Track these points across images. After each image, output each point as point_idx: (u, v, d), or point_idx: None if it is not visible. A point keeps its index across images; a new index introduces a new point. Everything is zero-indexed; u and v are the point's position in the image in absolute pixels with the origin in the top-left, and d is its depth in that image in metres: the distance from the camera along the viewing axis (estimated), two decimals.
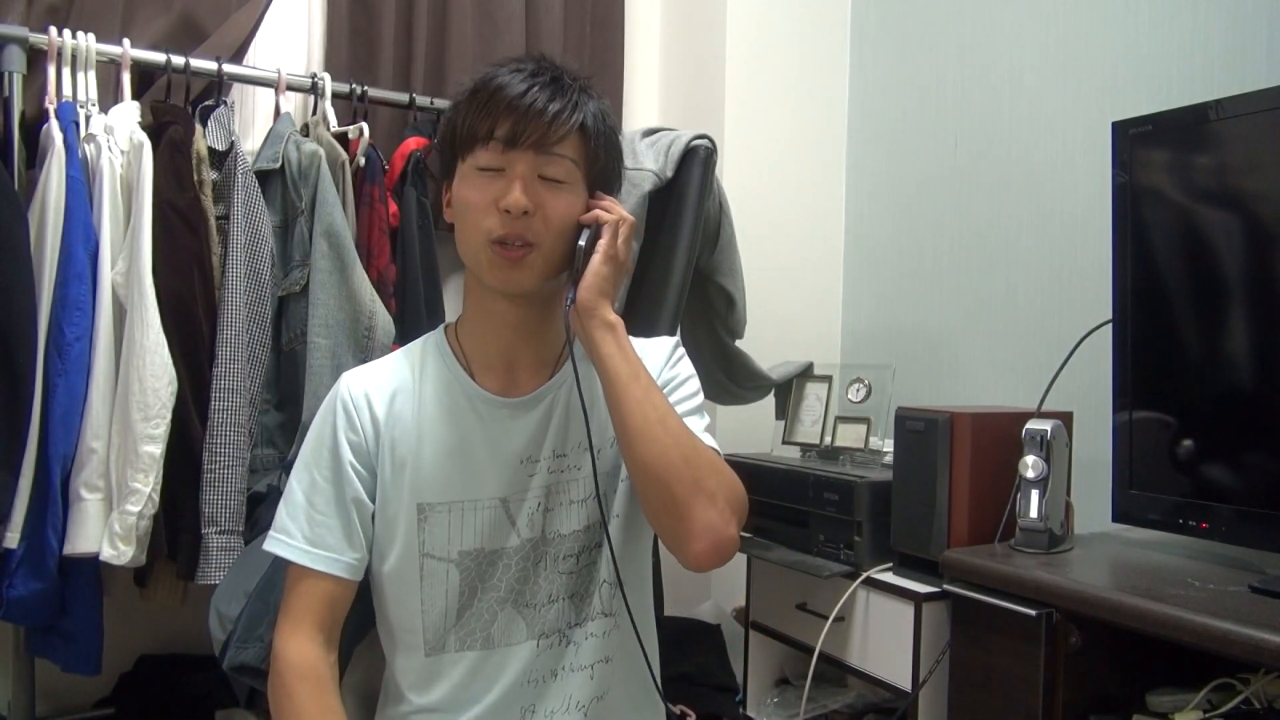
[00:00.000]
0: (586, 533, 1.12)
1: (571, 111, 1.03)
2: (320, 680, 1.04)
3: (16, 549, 1.46)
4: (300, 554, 1.06)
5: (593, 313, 1.05)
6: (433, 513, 1.07)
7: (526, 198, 1.01)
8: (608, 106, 1.11)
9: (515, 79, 1.03)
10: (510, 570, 1.09)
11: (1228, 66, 1.55)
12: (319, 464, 1.08)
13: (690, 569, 1.04)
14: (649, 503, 1.03)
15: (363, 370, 1.14)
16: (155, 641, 1.87)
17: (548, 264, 1.05)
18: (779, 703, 1.78)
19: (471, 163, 1.04)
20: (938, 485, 1.45)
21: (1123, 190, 1.38)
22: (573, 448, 1.11)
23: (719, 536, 1.00)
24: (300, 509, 1.07)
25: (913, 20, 2.19)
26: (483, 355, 1.12)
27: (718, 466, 1.04)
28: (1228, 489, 1.27)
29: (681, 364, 1.18)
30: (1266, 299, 1.25)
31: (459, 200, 1.07)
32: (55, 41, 1.59)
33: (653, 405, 1.02)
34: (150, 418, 1.51)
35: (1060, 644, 1.20)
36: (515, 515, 1.09)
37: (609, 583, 1.12)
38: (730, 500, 1.02)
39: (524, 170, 1.02)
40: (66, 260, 1.51)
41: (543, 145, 1.02)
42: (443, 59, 2.08)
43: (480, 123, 1.03)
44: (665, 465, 1.00)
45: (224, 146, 1.70)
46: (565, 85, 1.05)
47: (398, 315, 1.80)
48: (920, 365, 2.10)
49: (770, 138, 2.27)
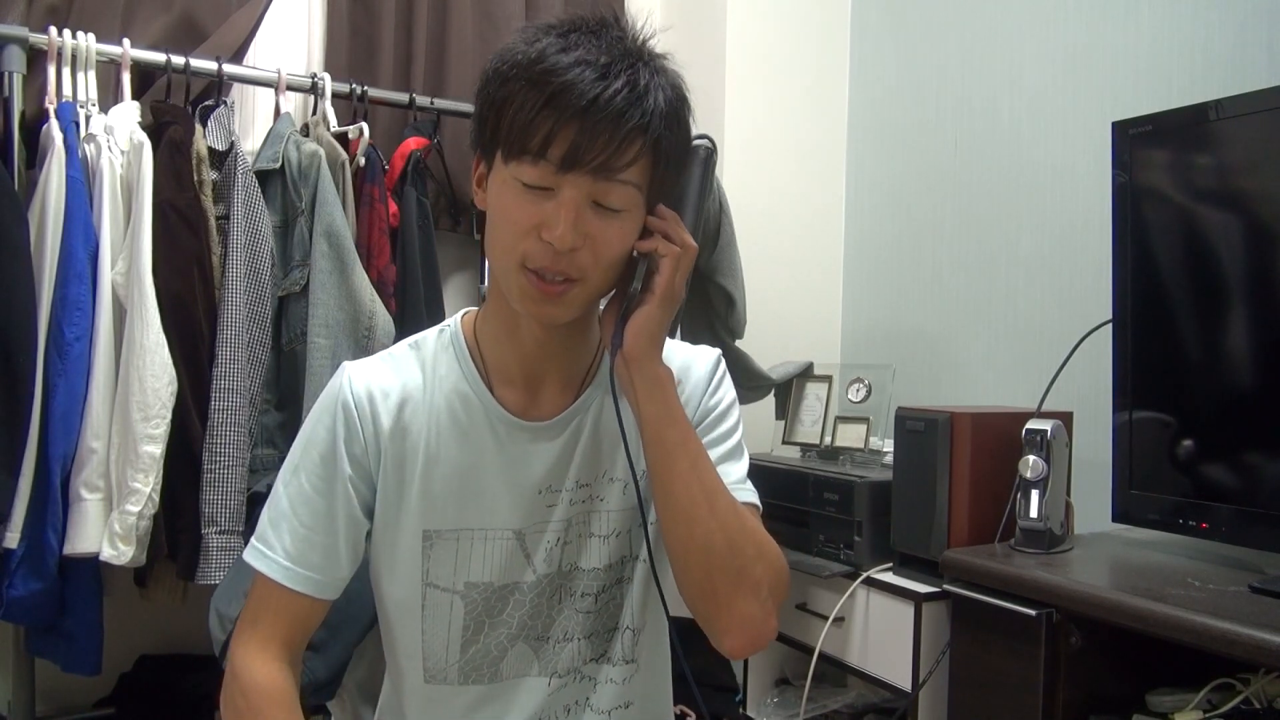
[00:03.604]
0: (608, 571, 1.00)
1: (645, 127, 0.84)
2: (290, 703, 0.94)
3: (16, 549, 1.46)
4: (279, 571, 0.94)
5: (640, 365, 0.91)
6: (439, 540, 0.96)
7: (575, 232, 0.84)
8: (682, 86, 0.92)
9: (586, 75, 0.82)
10: (524, 607, 0.98)
11: (1228, 66, 1.55)
12: (309, 470, 0.95)
13: (723, 654, 0.97)
14: (686, 587, 0.93)
15: (367, 367, 0.98)
16: (155, 641, 1.87)
17: (590, 298, 0.91)
18: (779, 703, 1.78)
19: (516, 172, 0.85)
20: (938, 485, 1.45)
21: (1123, 190, 1.38)
22: (599, 478, 0.99)
23: (758, 631, 0.92)
24: (284, 518, 0.95)
25: (913, 20, 2.19)
26: (503, 366, 0.98)
27: (763, 549, 0.93)
28: (1228, 489, 1.26)
29: (723, 388, 1.04)
30: (1266, 299, 1.24)
31: (494, 205, 0.89)
32: (55, 41, 1.59)
33: (699, 480, 0.90)
34: (150, 418, 1.51)
35: (1060, 644, 1.19)
36: (531, 550, 0.98)
37: (631, 629, 1.02)
38: (774, 590, 0.93)
39: (576, 197, 0.84)
40: (66, 260, 1.51)
41: (604, 170, 0.84)
42: (443, 59, 2.08)
43: (534, 127, 0.83)
44: (708, 552, 0.90)
45: (224, 146, 1.70)
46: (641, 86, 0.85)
47: (398, 315, 1.80)
48: (920, 365, 2.10)
49: (770, 138, 2.27)
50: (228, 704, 0.95)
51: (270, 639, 0.95)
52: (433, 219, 1.97)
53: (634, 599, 1.01)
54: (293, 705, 0.94)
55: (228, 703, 0.95)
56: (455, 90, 2.06)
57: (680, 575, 0.93)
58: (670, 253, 0.92)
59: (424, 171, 1.95)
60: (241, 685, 0.94)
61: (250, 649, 0.94)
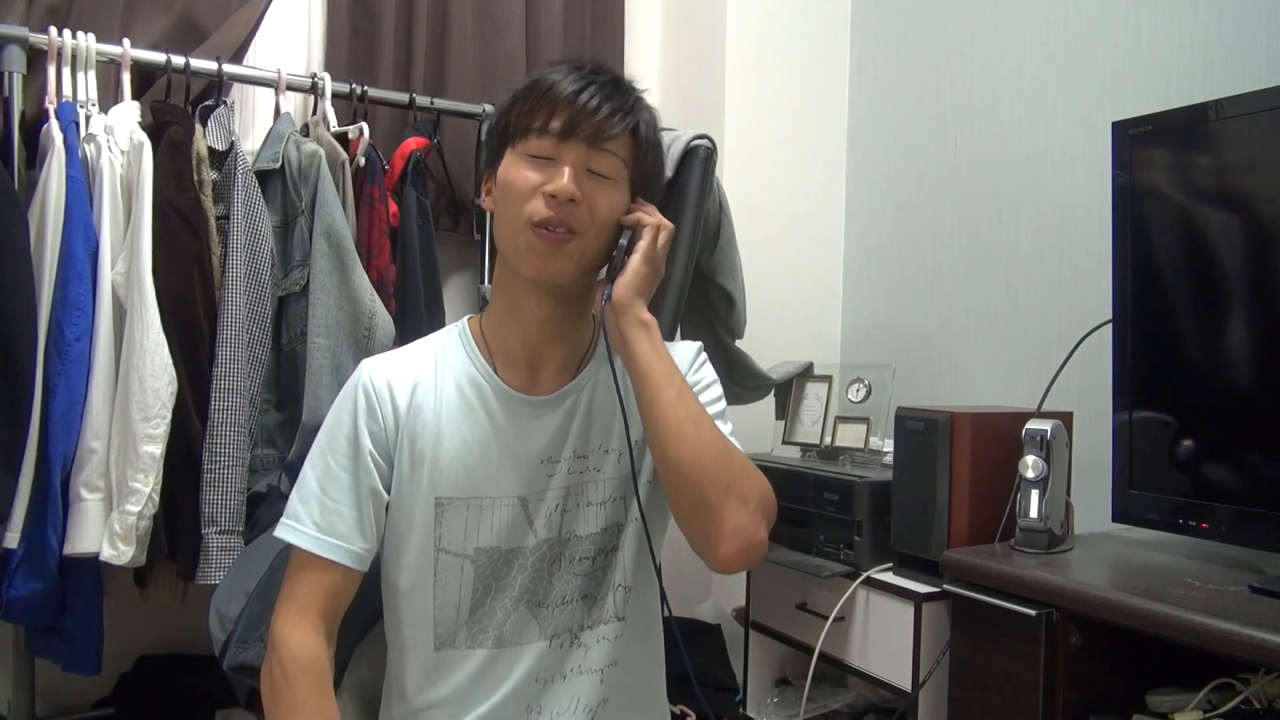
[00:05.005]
0: (604, 535, 1.11)
1: (626, 113, 1.04)
2: (322, 675, 1.03)
3: (16, 549, 1.46)
4: (310, 540, 1.04)
5: (628, 310, 1.05)
6: (450, 507, 1.07)
7: (575, 186, 1.01)
8: (656, 117, 1.12)
9: (572, 78, 1.04)
10: (526, 570, 1.09)
11: (1228, 66, 1.55)
12: (335, 451, 1.07)
13: (717, 570, 1.04)
14: (679, 504, 1.03)
15: (384, 359, 1.13)
16: (155, 641, 1.88)
17: (585, 256, 1.05)
18: (779, 703, 1.78)
19: (522, 149, 1.04)
20: (938, 485, 1.45)
21: (1123, 190, 1.38)
22: (594, 449, 1.11)
23: (749, 539, 1.01)
24: (313, 495, 1.06)
25: (913, 20, 2.19)
26: (507, 351, 1.11)
27: (749, 470, 1.04)
28: (1228, 489, 1.26)
29: (705, 369, 1.18)
30: (1266, 299, 1.24)
31: (504, 182, 1.05)
32: (55, 41, 1.59)
33: (686, 406, 1.02)
34: (150, 418, 1.51)
35: (1060, 644, 1.19)
36: (533, 515, 1.09)
37: (624, 587, 1.12)
38: (761, 503, 1.03)
39: (574, 160, 1.02)
40: (66, 260, 1.51)
41: (595, 139, 1.02)
42: (443, 59, 2.08)
43: (535, 114, 1.03)
44: (698, 466, 1.00)
45: (224, 146, 1.70)
46: (622, 89, 1.06)
47: (398, 315, 1.80)
48: (920, 365, 2.10)
49: (770, 138, 2.27)
50: (266, 674, 1.04)
51: (306, 610, 1.04)
52: (433, 219, 1.97)
53: (627, 558, 1.12)
54: (324, 678, 1.04)
55: (266, 673, 1.04)
56: (455, 90, 2.06)
57: (673, 494, 1.04)
58: (650, 223, 1.08)
59: (424, 171, 1.94)
60: (279, 656, 1.02)
61: (289, 621, 1.04)
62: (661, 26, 2.45)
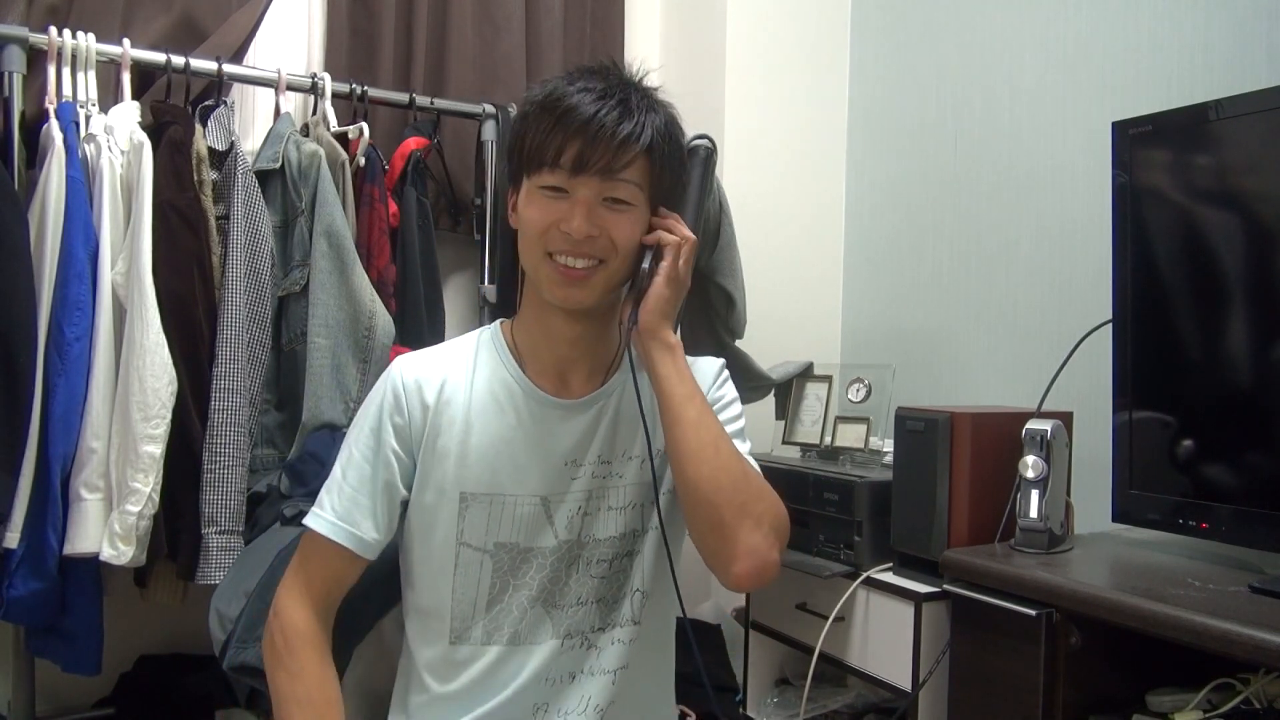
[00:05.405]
0: (622, 540, 1.14)
1: (638, 135, 1.04)
2: (323, 646, 1.08)
3: (16, 549, 1.46)
4: (325, 525, 1.08)
5: (654, 335, 1.07)
6: (474, 502, 1.09)
7: (589, 224, 1.03)
8: (673, 114, 1.11)
9: (586, 99, 1.03)
10: (544, 570, 1.11)
11: (1228, 66, 1.55)
12: (359, 442, 1.11)
13: (730, 588, 1.08)
14: (695, 522, 1.06)
15: (416, 356, 1.16)
16: (155, 641, 1.87)
17: (610, 281, 1.08)
18: (779, 703, 1.78)
19: (537, 181, 1.05)
20: (938, 485, 1.45)
21: (1123, 190, 1.38)
22: (618, 455, 1.14)
23: (762, 560, 1.03)
24: (335, 484, 1.10)
25: (913, 20, 2.18)
26: (537, 358, 1.14)
27: (765, 492, 1.07)
28: (1227, 489, 1.26)
29: (726, 386, 1.20)
30: (1266, 299, 1.24)
31: (524, 217, 1.08)
32: (55, 41, 1.59)
33: (707, 428, 1.05)
34: (150, 418, 1.51)
35: (1060, 644, 1.19)
36: (554, 515, 1.11)
37: (642, 592, 1.14)
38: (775, 526, 1.05)
39: (588, 195, 1.03)
40: (66, 260, 1.51)
41: (608, 171, 1.03)
42: (443, 59, 2.08)
43: (548, 143, 1.03)
44: (715, 487, 1.03)
45: (224, 146, 1.70)
46: (633, 106, 1.04)
47: (398, 315, 1.80)
48: (920, 365, 2.10)
49: (770, 138, 2.26)
50: (267, 638, 1.10)
51: (309, 587, 1.09)
52: (433, 219, 1.97)
53: (645, 565, 1.14)
54: (324, 648, 1.09)
55: (267, 636, 1.10)
56: (455, 90, 2.06)
57: (690, 513, 1.06)
58: (671, 242, 1.08)
59: (424, 171, 1.94)
60: (281, 623, 1.08)
61: (293, 593, 1.09)
62: (661, 26, 2.45)
